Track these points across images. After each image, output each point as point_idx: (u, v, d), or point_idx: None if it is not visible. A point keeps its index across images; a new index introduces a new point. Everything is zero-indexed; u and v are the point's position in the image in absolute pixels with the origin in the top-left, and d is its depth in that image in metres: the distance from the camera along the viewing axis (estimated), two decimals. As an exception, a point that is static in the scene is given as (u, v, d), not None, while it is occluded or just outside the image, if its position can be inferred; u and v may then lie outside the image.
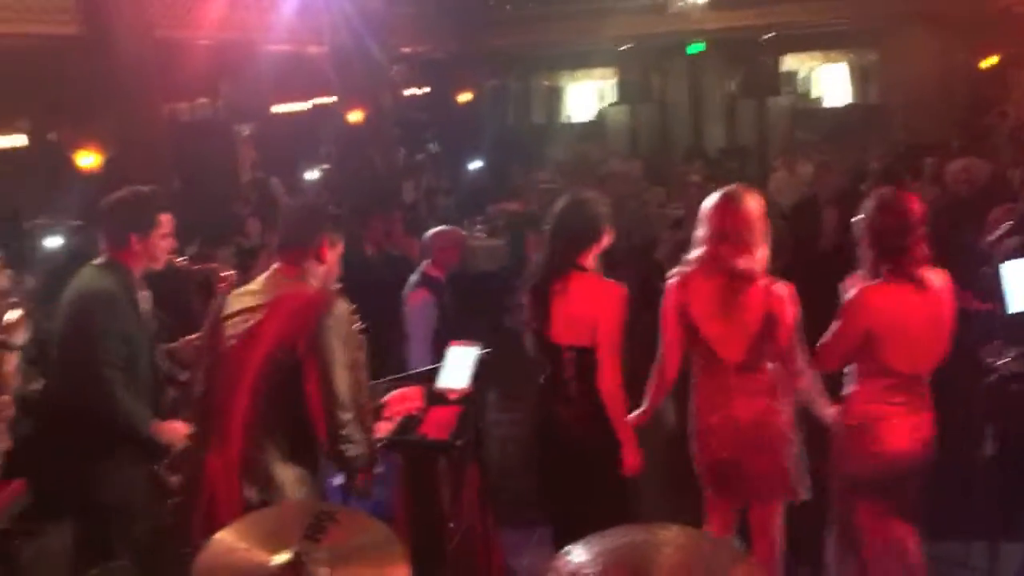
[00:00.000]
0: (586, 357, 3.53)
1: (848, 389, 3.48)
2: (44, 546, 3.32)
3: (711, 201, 3.45)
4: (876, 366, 3.34)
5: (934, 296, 3.28)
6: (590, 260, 3.61)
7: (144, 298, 3.59)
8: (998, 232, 3.90)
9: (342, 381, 2.85)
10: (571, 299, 3.54)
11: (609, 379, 3.49)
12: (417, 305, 5.28)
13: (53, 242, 6.93)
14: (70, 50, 7.62)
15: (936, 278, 3.31)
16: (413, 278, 5.40)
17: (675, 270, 3.50)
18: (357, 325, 3.04)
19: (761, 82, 17.43)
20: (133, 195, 3.53)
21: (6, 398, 3.33)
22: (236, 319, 2.99)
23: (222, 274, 3.52)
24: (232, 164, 11.51)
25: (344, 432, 2.86)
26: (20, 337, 3.42)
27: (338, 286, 3.20)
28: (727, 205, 3.40)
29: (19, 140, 9.37)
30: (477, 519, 3.92)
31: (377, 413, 3.60)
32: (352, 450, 2.90)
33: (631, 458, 3.55)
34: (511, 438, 6.24)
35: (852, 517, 3.48)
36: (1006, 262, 3.68)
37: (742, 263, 3.33)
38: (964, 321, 4.24)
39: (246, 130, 11.99)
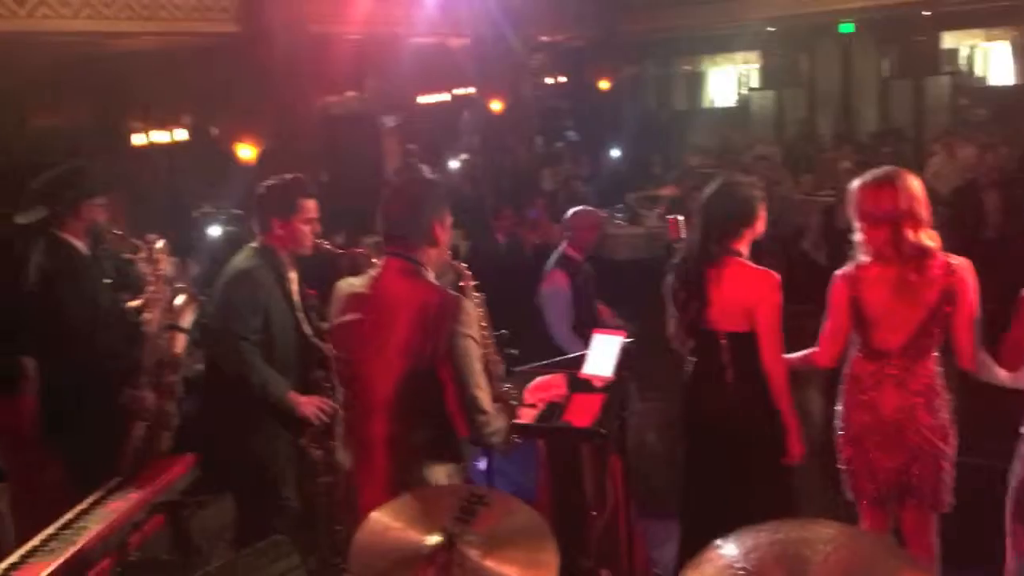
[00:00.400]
0: (742, 342, 3.45)
1: None
2: (210, 518, 3.51)
3: (864, 185, 3.30)
4: None
5: None
6: (743, 245, 3.53)
7: (294, 279, 3.75)
8: None
9: (479, 383, 2.78)
10: (726, 285, 3.47)
11: (774, 365, 3.42)
12: (553, 286, 5.34)
13: (215, 230, 7.32)
14: (229, 47, 8.02)
15: None
16: (551, 259, 5.46)
17: (848, 263, 3.37)
18: (484, 320, 3.04)
19: (918, 61, 16.50)
20: (276, 183, 3.72)
21: (175, 378, 3.56)
22: (350, 325, 2.89)
23: (371, 259, 3.59)
24: (378, 155, 11.84)
25: (488, 431, 2.81)
26: (188, 320, 3.65)
27: (470, 275, 3.15)
28: (885, 186, 3.25)
29: (181, 134, 9.96)
30: (620, 508, 3.91)
31: (518, 400, 3.62)
32: (496, 438, 2.88)
33: (796, 446, 3.47)
34: (649, 427, 6.19)
35: None
36: None
37: (914, 240, 3.19)
38: None
39: (391, 121, 12.30)
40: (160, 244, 3.52)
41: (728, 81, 19.42)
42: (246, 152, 8.28)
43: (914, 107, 15.65)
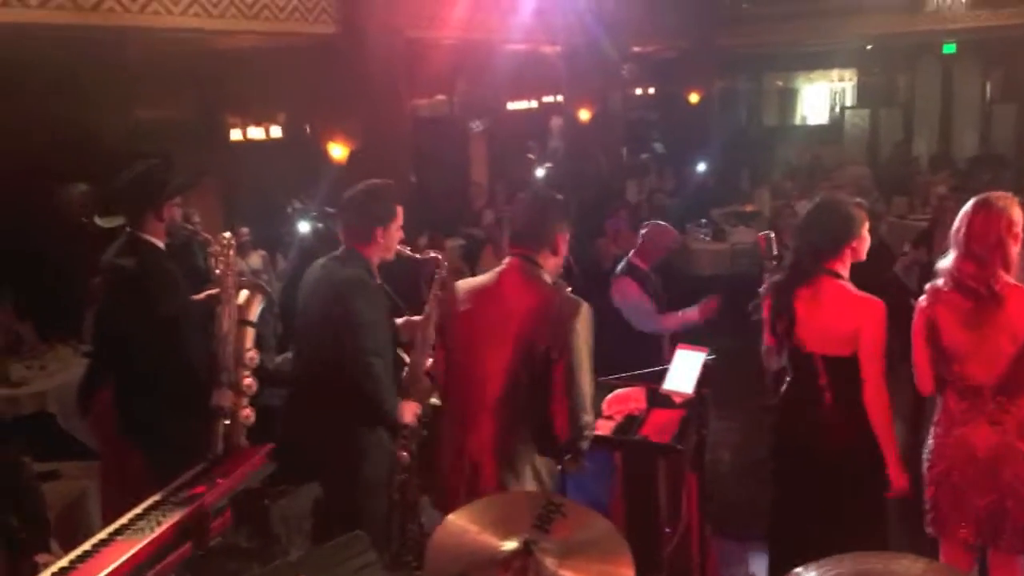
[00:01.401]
0: (842, 366, 3.35)
1: None
2: (289, 508, 3.57)
3: (971, 209, 3.23)
4: None
5: None
6: (842, 266, 3.42)
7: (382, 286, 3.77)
8: None
9: (586, 383, 2.98)
10: (823, 307, 3.36)
11: (876, 394, 3.30)
12: (624, 291, 5.34)
13: (305, 226, 7.48)
14: (326, 48, 8.18)
15: None
16: (619, 266, 5.51)
17: (927, 287, 3.29)
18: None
19: (1022, 86, 15.93)
20: (376, 189, 3.64)
21: (249, 376, 3.59)
22: (469, 319, 3.12)
23: (437, 261, 3.61)
24: (464, 159, 11.95)
25: (587, 432, 3.01)
26: (255, 313, 3.66)
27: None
28: (976, 215, 3.18)
29: (275, 131, 10.21)
30: (693, 526, 3.86)
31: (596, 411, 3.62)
32: (586, 444, 3.04)
33: (900, 478, 3.32)
34: (725, 445, 6.09)
35: None
36: None
37: (1004, 276, 3.10)
38: None
39: (478, 126, 12.41)
40: (227, 237, 3.35)
41: (821, 98, 19.03)
42: (337, 151, 8.44)
43: (1017, 133, 15.12)
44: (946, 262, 3.26)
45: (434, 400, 4.09)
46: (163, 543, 2.72)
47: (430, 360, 3.57)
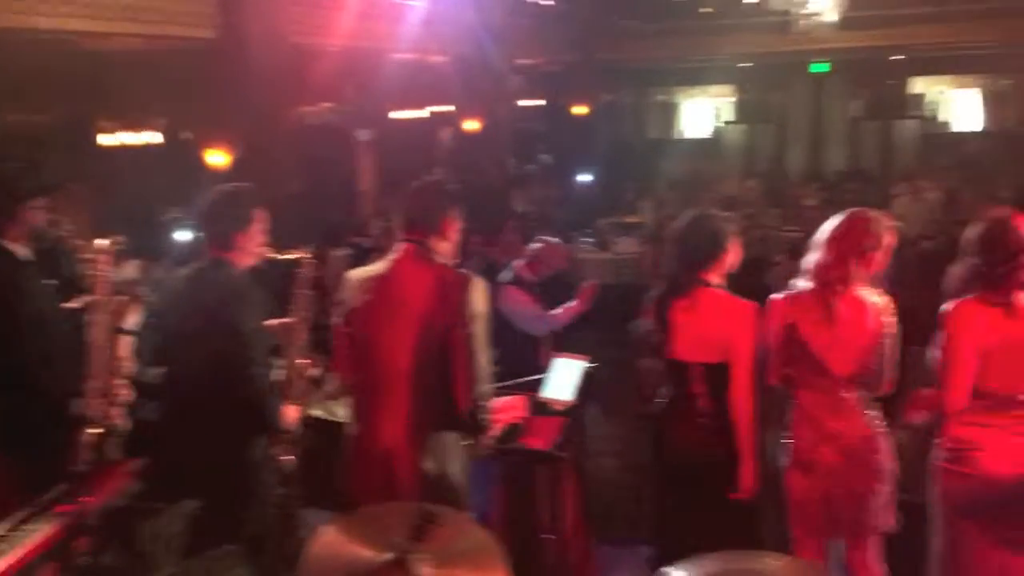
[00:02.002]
0: (716, 373, 3.48)
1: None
2: (161, 526, 3.47)
3: (840, 218, 3.41)
4: (977, 390, 3.24)
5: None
6: (715, 276, 3.57)
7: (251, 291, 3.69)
8: None
9: (484, 354, 3.12)
10: (699, 315, 3.49)
11: (743, 395, 3.44)
12: (510, 296, 5.30)
13: (183, 235, 7.27)
14: (207, 53, 7.99)
15: None
16: (504, 274, 5.47)
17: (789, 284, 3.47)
18: None
19: (887, 104, 16.88)
20: (233, 193, 3.56)
21: (121, 383, 3.49)
22: (369, 305, 3.20)
23: (305, 261, 3.59)
24: (351, 168, 11.84)
25: (482, 403, 3.13)
26: (130, 323, 3.55)
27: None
28: (845, 221, 3.38)
29: (155, 137, 9.89)
30: (574, 532, 3.93)
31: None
32: (486, 421, 3.17)
33: (749, 479, 3.47)
34: (608, 451, 6.22)
35: (958, 549, 3.35)
36: None
37: (860, 276, 3.31)
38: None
39: (366, 135, 12.31)
40: (102, 244, 3.21)
41: (702, 113, 19.67)
42: (218, 158, 8.24)
43: (881, 148, 16.01)
44: (809, 261, 3.43)
45: (317, 411, 4.05)
46: (25, 564, 2.62)
47: (304, 362, 3.56)
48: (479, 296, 3.15)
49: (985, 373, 3.20)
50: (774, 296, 3.46)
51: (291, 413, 3.47)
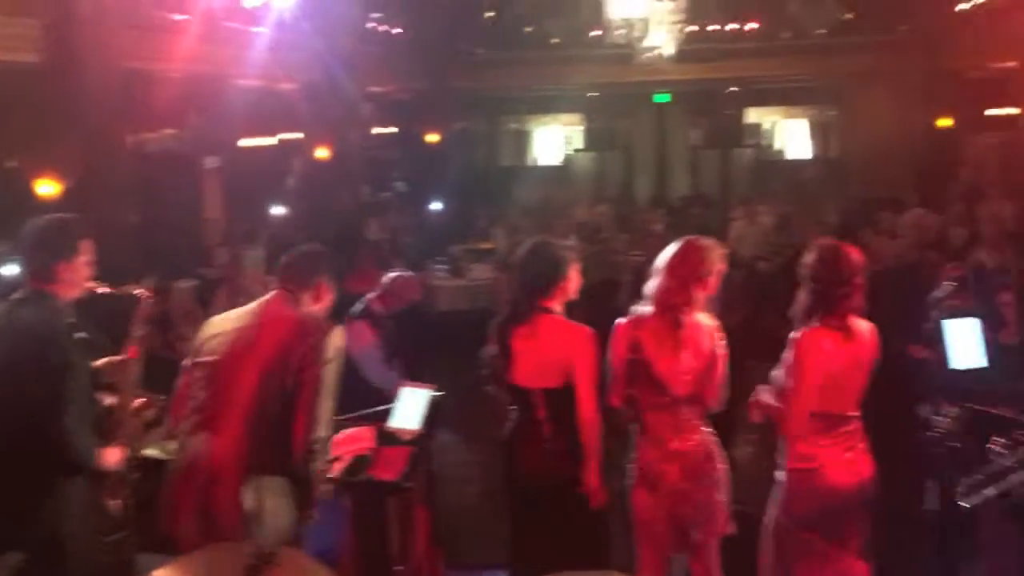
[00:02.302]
0: (558, 397, 3.56)
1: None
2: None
3: (676, 245, 3.59)
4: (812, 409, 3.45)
5: (859, 342, 3.43)
6: (556, 304, 3.64)
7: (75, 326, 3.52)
8: (942, 291, 4.01)
9: (327, 401, 3.14)
10: (540, 341, 3.57)
11: (591, 416, 3.54)
12: (355, 334, 5.16)
13: (9, 269, 6.83)
14: (35, 78, 7.57)
15: (862, 326, 3.46)
16: (356, 308, 5.40)
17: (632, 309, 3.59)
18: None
19: (724, 133, 17.76)
20: (56, 223, 3.45)
21: None
22: (222, 338, 3.23)
23: (140, 295, 3.51)
24: (196, 196, 11.45)
25: (317, 447, 3.13)
26: None
27: None
28: (682, 248, 3.56)
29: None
30: (426, 562, 3.91)
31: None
32: (316, 468, 3.15)
33: (598, 495, 3.57)
34: (465, 479, 6.23)
35: (795, 561, 3.53)
36: (947, 319, 3.77)
37: (688, 308, 3.47)
38: (907, 374, 4.35)
39: (212, 163, 11.95)
40: None
41: (553, 141, 20.11)
42: (48, 188, 7.80)
43: (720, 175, 16.79)
44: (651, 286, 3.56)
45: (152, 451, 3.88)
46: None
47: (138, 401, 3.47)
48: (338, 340, 3.22)
49: (824, 395, 3.40)
50: (619, 320, 3.58)
51: (112, 454, 3.32)
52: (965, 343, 3.73)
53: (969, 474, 3.31)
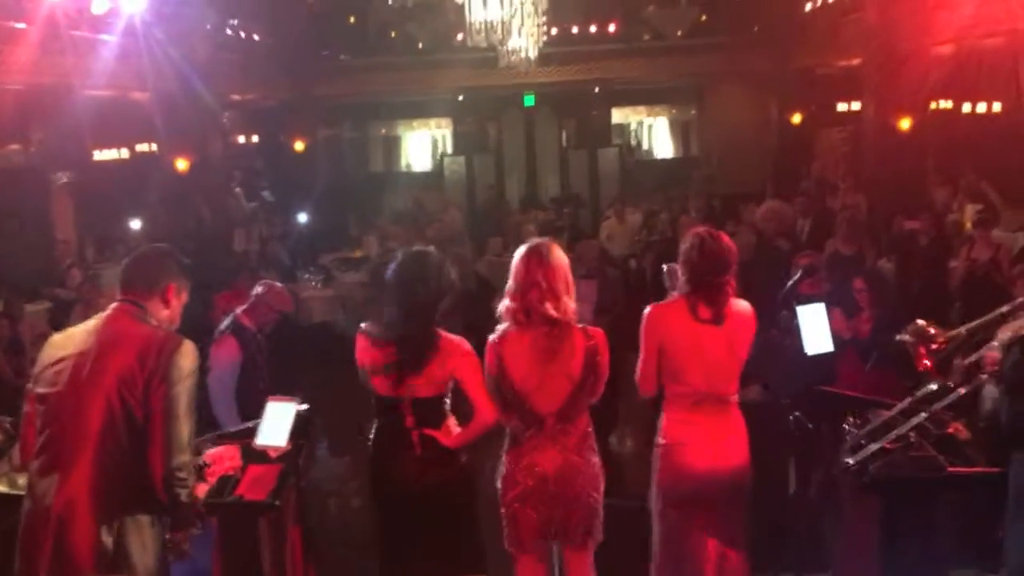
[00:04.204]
0: (427, 406, 3.51)
1: (661, 411, 3.66)
2: None
3: (518, 255, 3.52)
4: (680, 387, 3.56)
5: (733, 324, 3.54)
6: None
7: None
8: (794, 278, 4.17)
9: (184, 423, 2.92)
10: (427, 356, 3.48)
11: (488, 415, 3.49)
12: (218, 352, 4.97)
13: None
14: None
15: (741, 307, 3.57)
16: (223, 324, 5.17)
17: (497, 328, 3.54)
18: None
19: (592, 134, 18.10)
20: None
21: None
22: (65, 362, 2.96)
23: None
24: (46, 213, 10.86)
25: (180, 475, 2.90)
26: None
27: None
28: (532, 257, 3.47)
29: None
30: (300, 580, 3.81)
31: (200, 472, 3.46)
32: (185, 495, 2.92)
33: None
34: (340, 492, 6.13)
35: (674, 540, 3.61)
36: (802, 305, 3.93)
37: (553, 310, 3.40)
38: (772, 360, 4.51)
39: (63, 178, 11.36)
40: None
41: (423, 146, 20.04)
42: None
43: (589, 175, 17.09)
44: (504, 304, 3.50)
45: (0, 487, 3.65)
46: None
47: None
48: (186, 358, 2.95)
49: (689, 373, 3.50)
50: (491, 337, 3.52)
51: None
52: (817, 328, 3.89)
53: (825, 455, 3.45)
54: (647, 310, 3.61)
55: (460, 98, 17.64)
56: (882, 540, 3.61)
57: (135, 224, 11.41)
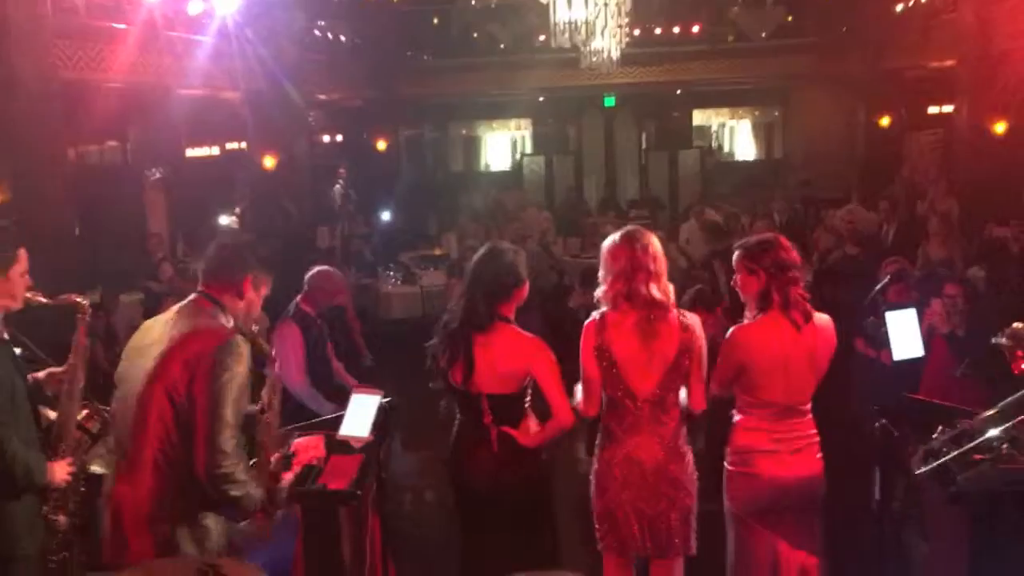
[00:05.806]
0: (506, 403, 3.54)
1: (734, 421, 3.61)
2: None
3: (611, 242, 3.52)
4: (755, 399, 3.50)
5: (810, 333, 3.46)
6: (510, 311, 3.63)
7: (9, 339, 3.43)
8: (881, 283, 4.09)
9: (226, 420, 2.83)
10: (496, 349, 3.53)
11: (565, 416, 3.49)
12: (281, 334, 5.14)
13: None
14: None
15: (818, 318, 3.50)
16: (289, 309, 5.28)
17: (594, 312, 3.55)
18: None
19: (672, 135, 17.94)
20: None
21: None
22: (140, 351, 3.00)
23: (82, 305, 3.42)
24: (140, 208, 11.26)
25: (222, 471, 2.81)
26: None
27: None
28: (629, 242, 3.47)
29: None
30: (379, 570, 3.88)
31: (287, 462, 3.53)
32: (235, 490, 2.85)
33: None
34: (412, 486, 6.20)
35: (749, 549, 3.56)
36: (889, 311, 3.84)
37: (655, 292, 3.41)
38: (858, 368, 4.42)
39: (156, 174, 11.77)
40: None
41: (503, 146, 20.15)
42: (-16, 201, 7.61)
43: (669, 177, 16.94)
44: (602, 289, 3.51)
45: (97, 467, 3.80)
46: None
47: (84, 412, 3.36)
48: (232, 356, 2.89)
49: (767, 385, 3.44)
50: (588, 324, 3.51)
51: (59, 469, 3.25)
52: (906, 334, 3.80)
53: (911, 465, 3.36)
54: (730, 331, 3.56)
55: (540, 99, 17.67)
56: (971, 555, 3.50)
57: (224, 219, 11.73)
